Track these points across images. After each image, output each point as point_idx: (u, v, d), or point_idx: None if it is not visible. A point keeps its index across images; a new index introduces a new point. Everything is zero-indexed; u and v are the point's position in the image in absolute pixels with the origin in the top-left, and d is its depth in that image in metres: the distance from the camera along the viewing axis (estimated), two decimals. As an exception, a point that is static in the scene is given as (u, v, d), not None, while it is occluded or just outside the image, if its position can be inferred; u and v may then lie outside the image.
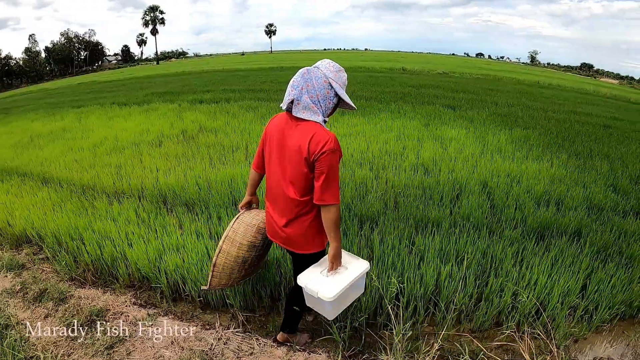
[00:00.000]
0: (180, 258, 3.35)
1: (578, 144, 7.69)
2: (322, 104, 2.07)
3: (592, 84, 46.05)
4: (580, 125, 9.97)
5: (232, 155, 6.31)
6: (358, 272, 2.27)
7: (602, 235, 4.03)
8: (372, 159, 6.05)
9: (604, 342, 3.02)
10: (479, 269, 3.38)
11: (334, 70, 2.10)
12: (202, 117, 9.23)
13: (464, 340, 2.85)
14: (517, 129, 8.62)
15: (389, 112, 9.94)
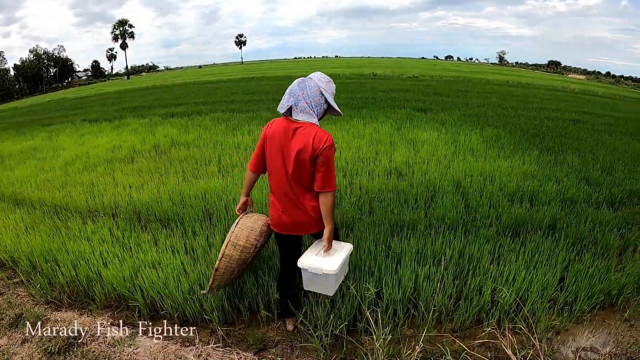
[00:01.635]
0: (156, 275, 3.37)
1: (549, 140, 8.03)
2: (315, 109, 2.53)
3: (560, 80, 48.15)
4: (550, 121, 10.42)
5: (205, 168, 6.37)
6: (348, 251, 2.77)
7: (577, 228, 4.23)
8: (345, 165, 6.17)
9: (586, 332, 3.15)
10: (456, 269, 3.50)
11: (325, 81, 2.58)
12: (174, 131, 9.31)
13: (445, 341, 2.94)
14: (488, 128, 8.93)
15: (360, 118, 10.16)
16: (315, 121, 2.53)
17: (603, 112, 15.30)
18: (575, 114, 12.92)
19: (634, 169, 6.53)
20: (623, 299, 3.43)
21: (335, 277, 2.62)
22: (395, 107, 12.21)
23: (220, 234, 4.03)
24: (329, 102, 2.57)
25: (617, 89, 52.95)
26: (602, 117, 13.26)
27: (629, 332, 3.20)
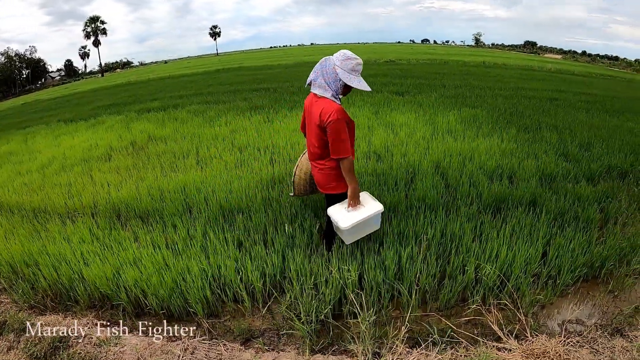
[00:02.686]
0: (138, 272, 3.38)
1: (526, 118, 8.21)
2: (332, 85, 2.87)
3: (537, 60, 49.27)
4: (527, 100, 10.67)
5: (183, 161, 6.39)
6: (371, 212, 3.09)
7: (557, 203, 4.36)
8: None
9: (571, 305, 3.28)
10: (439, 248, 3.57)
11: (342, 59, 2.84)
12: (151, 126, 9.27)
13: (431, 320, 3.02)
14: (466, 108, 9.07)
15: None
16: (328, 95, 2.87)
17: (579, 90, 15.72)
18: (552, 92, 13.24)
19: (611, 145, 6.75)
20: (606, 271, 3.57)
21: (347, 232, 3.08)
22: (373, 91, 12.21)
23: (201, 226, 4.06)
24: (342, 78, 2.86)
25: (593, 67, 54.46)
26: (578, 95, 13.63)
27: (614, 303, 3.34)
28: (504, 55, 61.54)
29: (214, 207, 4.44)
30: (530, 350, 2.73)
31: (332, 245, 3.52)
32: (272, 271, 3.41)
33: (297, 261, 3.39)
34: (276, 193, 4.71)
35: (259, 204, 4.45)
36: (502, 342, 2.82)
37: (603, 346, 2.85)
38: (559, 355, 2.70)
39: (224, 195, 4.66)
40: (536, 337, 2.86)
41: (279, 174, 5.31)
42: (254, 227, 4.04)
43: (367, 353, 2.69)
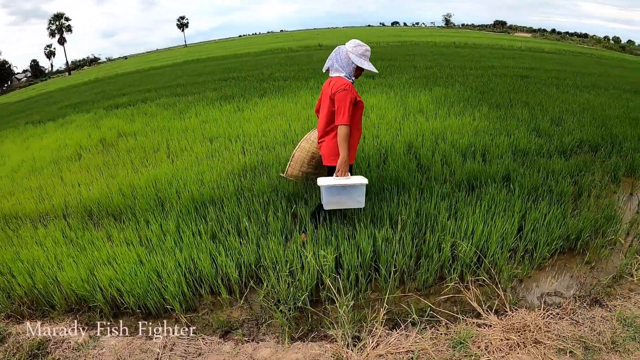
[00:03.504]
0: (112, 271, 3.34)
1: (498, 96, 8.38)
2: (346, 69, 3.37)
3: (507, 39, 50.22)
4: (498, 78, 10.90)
5: (154, 156, 6.36)
6: (353, 181, 3.25)
7: (531, 178, 4.47)
8: (295, 137, 6.24)
9: (549, 277, 3.38)
10: (414, 228, 3.62)
11: (353, 45, 3.36)
12: (120, 122, 9.22)
13: (410, 300, 3.05)
14: (437, 88, 9.22)
15: (308, 89, 10.39)
16: (342, 75, 3.37)
17: (550, 67, 16.14)
18: (522, 70, 13.57)
19: (582, 119, 6.98)
20: (582, 243, 3.69)
21: (324, 193, 3.29)
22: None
23: (174, 220, 4.03)
24: (355, 62, 3.34)
25: (563, 44, 55.77)
26: (549, 71, 13.98)
27: (591, 274, 3.45)
28: (474, 35, 62.49)
29: (186, 200, 4.42)
30: (510, 325, 2.80)
31: (318, 217, 3.70)
32: (248, 261, 3.41)
33: (272, 249, 3.39)
34: (248, 182, 4.71)
35: (231, 194, 4.45)
36: (482, 318, 2.88)
37: (583, 317, 2.93)
38: (539, 328, 2.77)
39: (196, 187, 4.64)
40: (516, 312, 2.93)
41: (250, 162, 5.31)
42: (227, 217, 4.03)
43: (346, 337, 2.70)
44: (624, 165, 5.26)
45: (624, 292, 3.26)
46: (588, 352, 2.61)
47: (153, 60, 52.70)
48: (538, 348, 2.64)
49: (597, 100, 8.98)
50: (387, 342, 2.68)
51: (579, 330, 2.81)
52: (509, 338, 2.70)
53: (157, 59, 55.30)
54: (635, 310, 3.02)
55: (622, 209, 4.42)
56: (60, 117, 12.33)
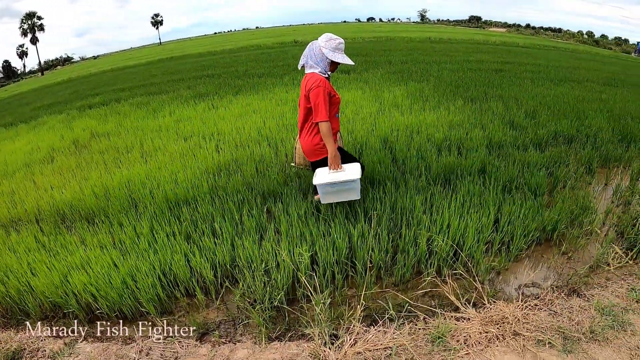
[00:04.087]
0: (86, 275, 3.29)
1: (473, 90, 8.52)
2: (320, 64, 3.42)
3: (482, 34, 51.29)
4: (472, 72, 11.09)
5: (127, 156, 6.30)
6: (346, 177, 3.33)
7: (506, 170, 4.54)
8: (270, 134, 6.28)
9: (526, 269, 3.44)
10: (390, 223, 3.63)
11: (325, 40, 3.39)
12: (93, 123, 9.16)
13: (388, 296, 3.07)
14: (412, 83, 9.32)
15: (282, 86, 10.48)
16: (317, 70, 3.42)
17: (524, 61, 16.49)
18: (497, 64, 13.82)
19: (556, 112, 7.13)
20: (558, 234, 3.77)
21: (320, 190, 3.41)
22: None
23: (148, 221, 3.99)
24: (328, 56, 3.38)
25: (537, 39, 57.06)
26: (523, 65, 14.29)
27: (568, 264, 3.53)
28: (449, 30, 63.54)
29: (160, 201, 4.39)
30: (489, 318, 2.83)
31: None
32: (223, 261, 3.39)
33: (247, 248, 3.38)
34: (223, 181, 4.69)
35: (205, 193, 4.43)
36: (460, 312, 2.90)
37: (561, 307, 2.99)
38: (518, 320, 2.81)
39: (170, 188, 4.61)
40: (494, 304, 2.96)
41: (225, 161, 5.30)
42: (202, 217, 4.01)
43: (324, 336, 2.70)
44: (598, 157, 5.38)
45: (601, 281, 3.34)
46: (567, 342, 2.65)
47: (127, 58, 52.25)
48: (517, 340, 2.68)
49: (571, 93, 9.18)
50: (364, 339, 2.69)
51: (557, 320, 2.86)
52: (487, 331, 2.73)
53: (132, 57, 54.85)
54: (613, 299, 3.10)
55: (597, 200, 4.54)
56: (33, 119, 12.21)
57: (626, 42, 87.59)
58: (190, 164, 5.32)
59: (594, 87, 10.78)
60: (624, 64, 26.55)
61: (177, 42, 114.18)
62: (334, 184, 3.37)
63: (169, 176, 4.94)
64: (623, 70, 19.03)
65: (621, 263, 3.55)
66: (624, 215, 4.24)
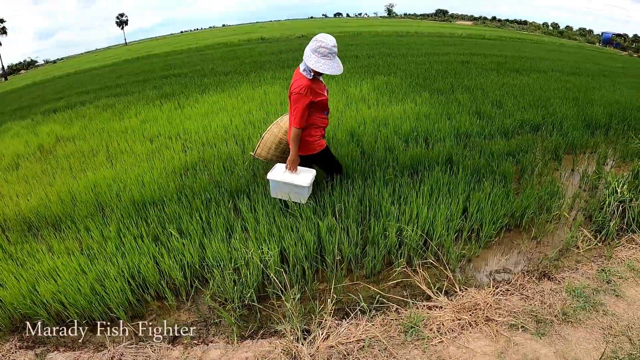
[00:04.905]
0: (54, 283, 3.23)
1: (439, 81, 8.69)
2: (305, 64, 3.35)
3: (448, 27, 52.21)
4: (439, 64, 11.30)
5: (93, 160, 6.21)
6: (295, 182, 3.55)
7: (473, 159, 4.65)
8: (237, 132, 6.28)
9: (497, 255, 3.55)
10: (359, 216, 3.67)
11: (312, 40, 3.31)
12: (58, 127, 8.97)
13: (359, 288, 3.11)
14: (379, 76, 9.44)
15: (249, 83, 10.50)
16: (301, 69, 3.41)
17: (490, 52, 16.88)
18: (463, 56, 14.14)
19: (522, 101, 7.35)
20: (527, 219, 3.90)
21: (271, 185, 3.69)
22: (285, 67, 12.80)
23: (115, 224, 3.94)
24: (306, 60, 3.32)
25: (503, 31, 58.44)
26: (489, 57, 14.63)
27: (538, 249, 3.65)
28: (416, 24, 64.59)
29: (127, 203, 4.34)
30: (461, 305, 2.89)
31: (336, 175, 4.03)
32: (192, 261, 3.37)
33: (215, 247, 3.37)
34: (190, 180, 4.67)
35: (172, 193, 4.40)
36: (433, 301, 2.96)
37: (532, 291, 3.08)
38: (490, 306, 2.88)
39: (137, 189, 4.55)
40: (466, 291, 3.04)
41: (191, 160, 5.28)
42: (169, 218, 3.97)
43: (296, 331, 2.71)
44: (564, 143, 5.57)
45: (571, 264, 3.47)
46: (540, 325, 2.74)
47: (92, 60, 51.29)
48: (490, 326, 2.75)
49: (536, 83, 9.46)
50: (337, 333, 2.71)
51: (529, 304, 2.94)
52: (460, 318, 2.80)
53: (97, 59, 53.85)
54: (584, 280, 3.21)
55: (564, 185, 4.69)
56: (-4, 126, 11.81)
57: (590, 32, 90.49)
58: (157, 164, 5.27)
59: (559, 77, 11.12)
60: (589, 54, 27.49)
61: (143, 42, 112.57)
62: (282, 183, 3.62)
63: (135, 178, 4.88)
64: (587, 60, 19.70)
65: (590, 246, 3.69)
66: (591, 199, 4.41)
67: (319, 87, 3.51)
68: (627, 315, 2.89)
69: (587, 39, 73.36)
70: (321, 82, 3.60)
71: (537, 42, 34.50)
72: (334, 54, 3.31)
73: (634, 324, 2.81)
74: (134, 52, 46.02)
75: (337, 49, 3.32)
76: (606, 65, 18.50)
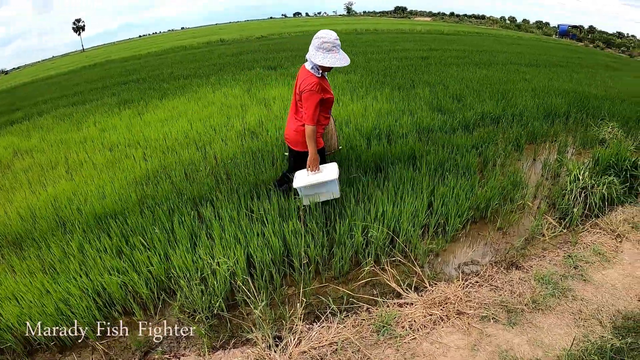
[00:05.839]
0: (18, 306, 3.10)
1: (399, 78, 8.81)
2: (311, 62, 3.39)
3: (408, 24, 53.01)
4: (399, 60, 11.46)
5: (52, 172, 5.96)
6: (324, 178, 3.48)
7: (437, 154, 4.72)
8: (198, 137, 6.19)
9: (464, 247, 3.63)
10: (323, 217, 3.67)
11: (313, 38, 3.34)
12: (15, 140, 8.58)
13: (329, 290, 3.12)
14: (339, 75, 9.53)
15: (209, 86, 10.39)
16: (309, 67, 3.42)
17: (449, 47, 17.25)
18: (423, 51, 14.39)
19: (482, 93, 7.51)
20: (492, 211, 3.99)
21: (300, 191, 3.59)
22: (245, 69, 12.71)
23: (77, 240, 3.79)
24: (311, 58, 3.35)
25: (461, 26, 59.73)
26: (449, 51, 14.95)
27: (504, 239, 3.75)
28: (375, 21, 65.29)
29: (88, 217, 4.20)
30: (431, 300, 2.94)
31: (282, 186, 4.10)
32: (157, 274, 3.30)
33: (180, 257, 3.30)
34: (151, 189, 4.56)
35: (134, 204, 4.29)
36: (403, 298, 3.00)
37: (501, 281, 3.17)
38: (460, 299, 2.93)
39: (97, 202, 4.42)
40: (435, 286, 3.09)
41: (152, 168, 5.16)
42: (132, 230, 3.87)
43: (267, 339, 2.69)
44: (525, 134, 5.73)
45: (538, 251, 3.58)
46: (511, 315, 2.80)
47: (50, 68, 49.65)
48: (462, 319, 2.80)
49: (495, 75, 9.71)
50: (309, 338, 2.71)
51: (499, 295, 3.01)
52: (432, 313, 2.84)
53: (54, 66, 52.30)
54: (551, 267, 3.32)
55: (527, 174, 4.83)
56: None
57: (547, 25, 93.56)
58: (118, 175, 5.13)
59: (518, 69, 11.47)
60: (545, 45, 28.40)
61: (101, 48, 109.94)
62: (312, 186, 3.52)
63: (95, 190, 4.74)
64: (545, 52, 20.33)
65: (555, 232, 3.81)
66: (554, 187, 4.54)
67: (327, 85, 3.55)
68: (596, 298, 3.00)
69: (544, 31, 75.76)
70: (327, 80, 3.62)
71: (495, 35, 35.48)
72: (338, 46, 3.36)
73: (603, 307, 2.92)
74: (92, 59, 44.82)
75: (339, 42, 3.37)
76: (563, 56, 19.14)
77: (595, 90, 8.96)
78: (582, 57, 20.14)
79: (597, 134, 5.92)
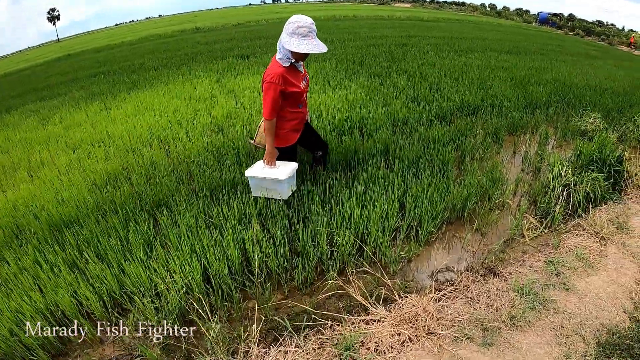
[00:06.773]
0: None
1: (376, 66, 8.54)
2: (282, 50, 3.14)
3: (388, 10, 52.90)
4: (376, 48, 11.22)
5: (13, 175, 5.55)
6: (271, 176, 3.34)
7: (411, 149, 4.43)
8: (162, 133, 5.83)
9: (439, 252, 3.37)
10: (285, 222, 3.35)
11: (286, 24, 3.09)
12: None
13: (291, 305, 2.83)
14: (314, 63, 9.20)
15: (179, 77, 10.03)
16: (277, 57, 3.18)
17: (429, 34, 17.05)
18: (401, 38, 14.17)
19: (461, 82, 7.26)
20: (469, 210, 3.73)
21: (250, 182, 3.52)
22: (217, 58, 12.34)
23: (32, 251, 3.42)
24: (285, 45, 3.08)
25: (441, 13, 59.69)
26: (427, 39, 14.72)
27: (482, 242, 3.50)
28: (354, 7, 65.10)
29: (44, 225, 3.82)
30: (400, 317, 2.65)
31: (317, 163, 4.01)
32: (111, 289, 2.98)
33: (134, 271, 2.98)
34: (109, 193, 4.17)
35: (91, 210, 3.91)
36: (370, 313, 2.71)
37: (478, 292, 2.90)
38: (432, 316, 2.65)
39: (54, 208, 4.01)
40: (406, 299, 2.80)
41: (112, 169, 4.77)
42: (86, 240, 3.49)
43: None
44: (504, 125, 5.49)
45: (518, 255, 3.36)
46: (487, 335, 2.56)
47: (23, 60, 48.19)
48: (432, 340, 2.53)
49: (475, 63, 9.49)
50: (264, 366, 2.40)
51: (474, 309, 2.76)
52: (400, 333, 2.56)
53: (28, 58, 50.62)
54: (531, 275, 3.09)
55: (507, 169, 4.61)
56: None
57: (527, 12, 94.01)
58: (76, 177, 4.72)
59: (497, 56, 11.27)
60: (525, 32, 28.42)
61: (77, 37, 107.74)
62: (260, 179, 3.41)
63: (54, 194, 4.35)
64: (525, 39, 20.26)
65: (536, 233, 3.58)
66: (534, 182, 4.32)
67: (296, 77, 3.28)
68: (579, 310, 2.77)
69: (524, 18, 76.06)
70: (300, 71, 3.36)
71: (475, 22, 35.42)
72: (314, 32, 3.12)
73: (587, 320, 2.69)
74: (66, 49, 43.56)
75: (315, 27, 3.14)
76: (544, 43, 19.05)
77: (576, 79, 8.79)
78: (562, 45, 20.06)
79: (579, 125, 5.71)
